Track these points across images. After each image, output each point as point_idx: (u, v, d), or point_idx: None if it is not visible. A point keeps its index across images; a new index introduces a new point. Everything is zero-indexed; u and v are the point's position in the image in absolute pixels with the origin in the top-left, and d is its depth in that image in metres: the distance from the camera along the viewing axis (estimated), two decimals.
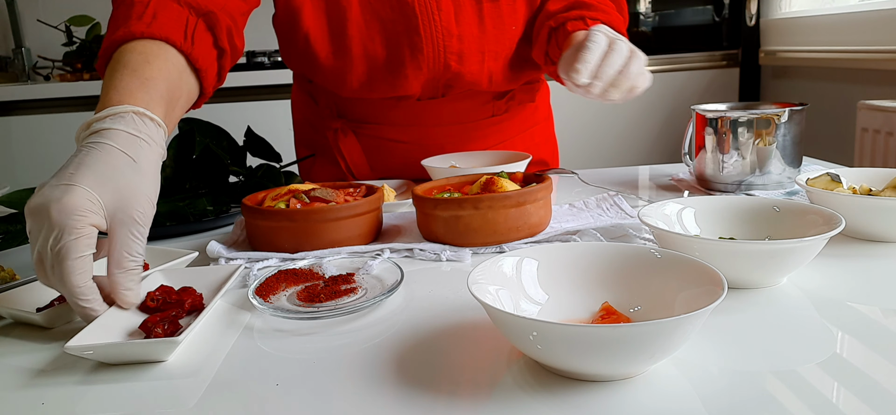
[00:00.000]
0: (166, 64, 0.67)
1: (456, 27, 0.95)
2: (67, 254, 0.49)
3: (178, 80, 0.68)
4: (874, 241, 0.68)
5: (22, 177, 2.56)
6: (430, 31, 0.94)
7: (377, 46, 0.96)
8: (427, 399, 0.41)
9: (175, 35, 0.69)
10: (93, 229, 0.51)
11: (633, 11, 2.85)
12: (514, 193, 0.69)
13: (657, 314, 0.47)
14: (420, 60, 0.95)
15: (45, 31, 2.73)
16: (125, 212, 0.52)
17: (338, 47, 0.96)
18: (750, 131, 0.87)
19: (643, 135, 2.81)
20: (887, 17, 1.99)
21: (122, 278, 0.52)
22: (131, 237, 0.53)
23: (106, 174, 0.53)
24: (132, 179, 0.54)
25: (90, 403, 0.43)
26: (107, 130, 0.56)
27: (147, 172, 0.56)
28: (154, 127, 0.59)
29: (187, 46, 0.69)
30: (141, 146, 0.57)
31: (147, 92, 0.61)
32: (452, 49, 0.95)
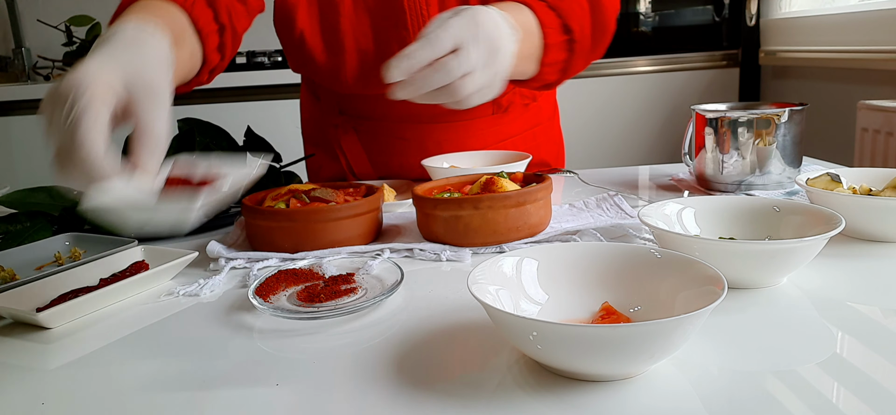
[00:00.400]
0: (170, 13, 0.68)
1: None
2: (81, 115, 0.45)
3: (181, 31, 0.69)
4: (874, 241, 0.68)
5: (22, 177, 2.56)
6: (417, 26, 0.94)
7: (368, 41, 0.96)
8: (427, 399, 0.41)
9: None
10: (110, 91, 0.48)
11: (634, 11, 2.86)
12: (514, 193, 0.69)
13: (657, 314, 0.47)
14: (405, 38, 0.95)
15: (45, 31, 2.73)
16: (142, 79, 0.50)
17: (330, 43, 0.97)
18: (750, 131, 0.87)
19: (643, 135, 2.81)
20: (887, 17, 1.99)
21: (145, 144, 0.49)
22: (153, 102, 0.51)
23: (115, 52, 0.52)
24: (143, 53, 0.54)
25: (90, 403, 0.43)
26: (112, 34, 0.56)
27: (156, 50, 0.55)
28: (158, 35, 0.58)
29: (188, 6, 0.71)
30: (146, 38, 0.56)
31: (154, 17, 0.62)
32: None
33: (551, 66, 0.84)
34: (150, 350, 0.51)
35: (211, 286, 0.63)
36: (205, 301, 0.60)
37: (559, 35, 0.82)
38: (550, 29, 0.81)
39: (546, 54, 0.81)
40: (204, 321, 0.56)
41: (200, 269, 0.69)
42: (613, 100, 2.76)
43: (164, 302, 0.60)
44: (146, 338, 0.53)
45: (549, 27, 0.81)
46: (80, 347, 0.52)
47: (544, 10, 0.81)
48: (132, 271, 0.63)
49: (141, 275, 0.62)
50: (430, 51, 0.64)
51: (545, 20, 0.80)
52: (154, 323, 0.56)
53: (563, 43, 0.83)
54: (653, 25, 2.87)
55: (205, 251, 0.71)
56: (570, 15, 0.83)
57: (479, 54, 0.66)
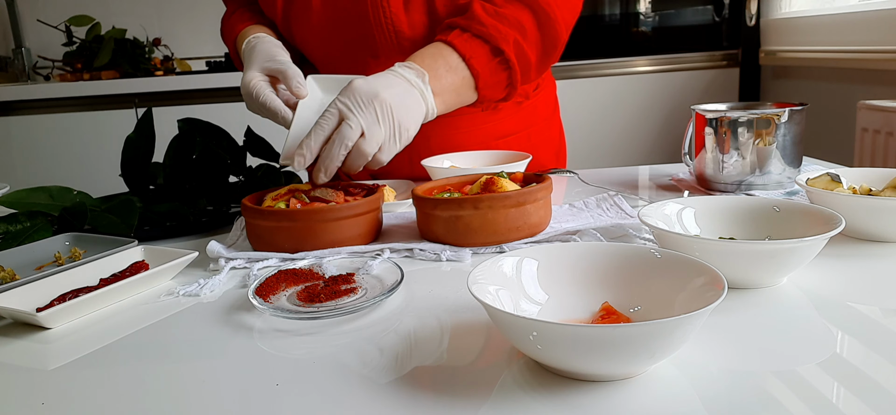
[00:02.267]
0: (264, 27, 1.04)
1: (405, 15, 0.95)
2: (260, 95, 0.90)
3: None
4: (874, 241, 0.68)
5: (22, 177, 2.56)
6: (379, 21, 0.95)
7: (335, 38, 0.99)
8: (427, 399, 0.41)
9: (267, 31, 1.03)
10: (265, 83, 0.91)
11: (634, 11, 2.86)
12: (513, 193, 0.69)
13: (657, 314, 0.47)
14: (375, 52, 0.98)
15: (45, 31, 2.74)
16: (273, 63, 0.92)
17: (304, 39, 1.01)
18: (750, 131, 0.87)
19: (643, 135, 2.81)
20: (887, 17, 1.99)
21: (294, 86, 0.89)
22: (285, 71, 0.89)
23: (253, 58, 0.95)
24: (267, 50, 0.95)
25: (90, 403, 0.43)
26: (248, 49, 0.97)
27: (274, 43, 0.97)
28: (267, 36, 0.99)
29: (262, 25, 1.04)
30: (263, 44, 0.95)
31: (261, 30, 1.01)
32: (404, 35, 0.96)
33: (492, 87, 0.92)
34: (151, 350, 0.51)
35: (211, 286, 0.63)
36: (205, 301, 0.60)
37: (489, 60, 0.89)
38: (476, 58, 0.88)
39: (479, 80, 0.89)
40: (204, 321, 0.56)
41: (200, 269, 0.69)
42: (613, 100, 2.76)
43: (164, 302, 0.60)
44: (146, 338, 0.53)
45: (473, 56, 0.88)
46: (80, 347, 0.52)
47: (467, 41, 0.88)
48: (132, 271, 0.63)
49: (141, 275, 0.62)
50: (321, 132, 0.77)
51: (468, 51, 0.88)
52: (154, 323, 0.56)
53: (495, 66, 0.90)
54: (653, 25, 2.87)
55: (205, 251, 0.71)
56: (500, 38, 0.89)
57: (364, 117, 0.77)
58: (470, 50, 0.88)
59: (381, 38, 0.96)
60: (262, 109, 0.88)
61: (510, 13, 0.91)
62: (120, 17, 2.77)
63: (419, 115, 0.84)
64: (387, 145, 0.79)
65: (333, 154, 0.76)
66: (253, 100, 0.88)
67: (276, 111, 0.86)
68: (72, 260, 0.70)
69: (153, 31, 2.80)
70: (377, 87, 0.78)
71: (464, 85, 0.89)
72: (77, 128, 2.55)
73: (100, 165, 2.52)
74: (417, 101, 0.83)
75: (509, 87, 0.94)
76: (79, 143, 2.56)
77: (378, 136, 0.78)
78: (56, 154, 2.57)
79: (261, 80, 0.88)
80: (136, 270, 0.63)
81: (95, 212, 0.80)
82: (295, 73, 0.87)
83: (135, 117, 0.91)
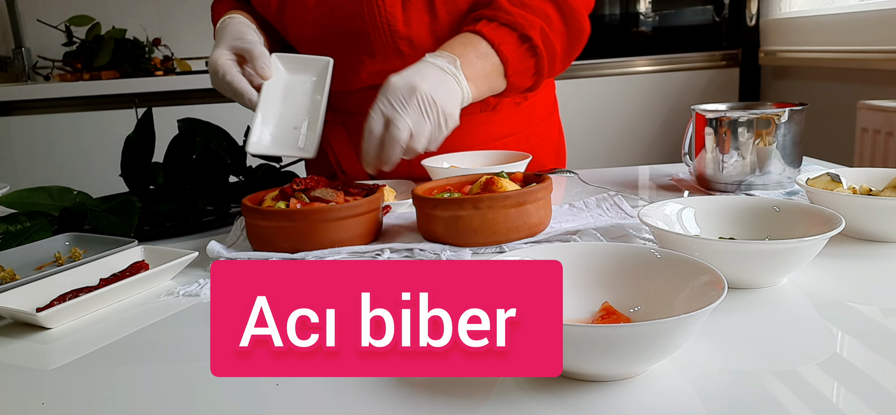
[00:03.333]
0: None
1: (401, 12, 0.95)
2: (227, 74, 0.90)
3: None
4: (874, 241, 0.68)
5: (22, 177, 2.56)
6: (373, 16, 0.95)
7: (330, 34, 0.99)
8: (427, 399, 0.41)
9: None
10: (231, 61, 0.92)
11: (634, 11, 2.86)
12: (513, 193, 0.69)
13: (657, 314, 0.47)
14: (371, 50, 0.97)
15: (45, 31, 2.73)
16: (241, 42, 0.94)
17: (298, 37, 1.01)
18: (750, 131, 0.87)
19: (643, 135, 2.80)
20: (887, 17, 1.99)
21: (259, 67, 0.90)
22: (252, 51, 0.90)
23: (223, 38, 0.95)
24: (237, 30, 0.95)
25: (90, 403, 0.44)
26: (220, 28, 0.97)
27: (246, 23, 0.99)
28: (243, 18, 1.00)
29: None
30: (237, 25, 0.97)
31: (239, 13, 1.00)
32: (400, 33, 0.96)
33: (520, 75, 0.93)
34: (151, 350, 0.51)
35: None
36: (205, 301, 0.60)
37: (516, 47, 0.91)
38: (504, 44, 0.89)
39: (508, 67, 0.90)
40: (204, 321, 0.56)
41: (200, 269, 0.69)
42: (613, 100, 2.76)
43: (164, 302, 0.60)
44: (146, 338, 0.53)
45: (502, 43, 0.89)
46: (80, 347, 0.52)
47: (495, 30, 0.90)
48: (132, 271, 0.63)
49: (141, 275, 0.62)
50: (373, 138, 0.81)
51: (496, 38, 0.89)
52: (154, 323, 0.56)
53: (523, 52, 0.91)
54: (653, 25, 2.87)
55: (205, 251, 0.71)
56: (526, 25, 0.90)
57: (408, 116, 0.80)
58: (498, 37, 0.89)
59: (377, 36, 0.96)
60: (227, 89, 0.88)
61: (535, 3, 0.93)
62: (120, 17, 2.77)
63: (457, 99, 0.85)
64: (435, 136, 0.83)
65: (389, 157, 0.81)
66: (219, 78, 0.88)
67: (242, 92, 0.87)
68: (72, 260, 0.70)
69: (153, 31, 2.80)
70: (414, 81, 0.81)
71: (494, 72, 0.90)
72: (77, 128, 2.55)
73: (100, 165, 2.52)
74: (453, 86, 0.84)
75: (537, 74, 0.95)
76: (79, 143, 2.56)
77: (425, 131, 0.81)
78: (56, 154, 2.57)
79: (228, 59, 0.88)
80: (136, 270, 0.63)
81: (95, 212, 0.80)
82: (261, 53, 0.87)
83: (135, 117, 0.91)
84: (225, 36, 0.92)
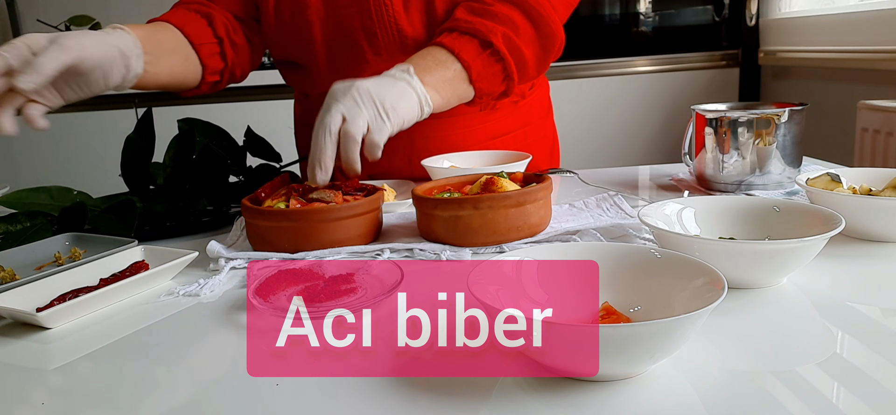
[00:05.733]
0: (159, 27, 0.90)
1: (405, 13, 0.96)
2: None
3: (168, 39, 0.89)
4: (874, 241, 0.68)
5: (22, 177, 2.55)
6: (381, 15, 0.96)
7: (335, 34, 0.99)
8: (427, 399, 0.41)
9: (173, 19, 0.90)
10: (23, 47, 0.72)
11: (634, 11, 2.85)
12: (514, 193, 0.69)
13: (657, 314, 0.47)
14: (377, 48, 0.98)
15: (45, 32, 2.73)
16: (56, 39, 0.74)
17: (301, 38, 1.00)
18: (750, 131, 0.87)
19: (643, 135, 2.80)
20: (887, 17, 1.99)
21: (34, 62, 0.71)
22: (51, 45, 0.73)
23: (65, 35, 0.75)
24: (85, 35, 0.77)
25: (90, 403, 0.43)
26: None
27: (91, 35, 0.76)
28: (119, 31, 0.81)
29: (180, 23, 0.90)
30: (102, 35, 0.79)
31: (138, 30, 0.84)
32: (406, 32, 0.97)
33: (487, 80, 0.92)
34: (151, 350, 0.51)
35: (211, 286, 0.63)
36: (205, 301, 0.60)
37: (478, 53, 0.90)
38: (464, 51, 0.89)
39: (471, 72, 0.90)
40: (204, 321, 0.56)
41: (200, 269, 0.69)
42: (613, 100, 2.76)
43: (164, 302, 0.60)
44: (146, 338, 0.53)
45: (462, 51, 0.89)
46: (80, 347, 0.52)
47: (455, 39, 0.90)
48: (132, 271, 0.63)
49: (141, 275, 0.62)
50: (328, 136, 0.75)
51: (456, 46, 0.89)
52: (154, 323, 0.56)
53: (486, 58, 0.91)
54: (653, 25, 2.87)
55: (205, 251, 0.71)
56: (487, 32, 0.90)
57: (343, 104, 0.77)
58: (458, 45, 0.89)
59: (383, 36, 0.97)
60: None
61: (499, 11, 0.93)
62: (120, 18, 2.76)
63: (410, 100, 0.82)
64: (375, 124, 0.77)
65: (321, 143, 0.75)
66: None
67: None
68: (72, 260, 0.70)
69: None
70: (353, 82, 0.79)
71: (457, 78, 0.89)
72: (77, 128, 2.55)
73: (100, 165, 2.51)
74: (403, 88, 0.82)
75: (506, 79, 0.94)
76: (79, 143, 2.56)
77: (359, 116, 0.76)
78: (56, 154, 2.57)
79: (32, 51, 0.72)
80: (136, 270, 0.63)
81: (95, 212, 0.80)
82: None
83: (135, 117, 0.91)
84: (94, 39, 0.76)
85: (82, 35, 0.73)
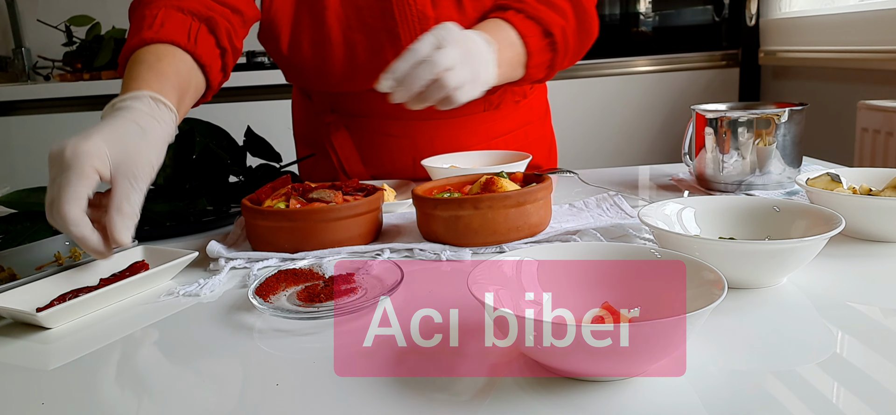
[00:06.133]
0: (176, 60, 0.77)
1: (432, 10, 0.96)
2: (65, 186, 0.58)
3: (188, 75, 0.78)
4: (874, 241, 0.68)
5: (22, 177, 2.55)
6: (405, 15, 0.95)
7: (356, 34, 0.98)
8: (427, 399, 0.41)
9: (180, 38, 0.78)
10: (94, 173, 0.59)
11: (634, 11, 2.86)
12: (514, 193, 0.69)
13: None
14: (398, 47, 0.96)
15: (45, 31, 2.73)
16: (127, 167, 0.62)
17: (319, 38, 0.98)
18: (750, 131, 0.87)
19: (643, 135, 2.80)
20: (887, 17, 1.99)
21: (117, 220, 0.60)
22: (130, 187, 0.62)
23: (118, 135, 0.63)
24: (140, 143, 0.64)
25: (90, 403, 0.43)
26: (126, 107, 0.67)
27: (153, 142, 0.66)
28: (166, 111, 0.70)
29: (191, 46, 0.79)
30: (152, 122, 0.67)
31: (161, 82, 0.72)
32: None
33: (537, 67, 0.95)
34: (150, 350, 0.51)
35: (211, 286, 0.63)
36: (205, 301, 0.60)
37: (540, 40, 0.93)
38: (531, 37, 0.92)
39: (530, 59, 0.92)
40: (204, 321, 0.56)
41: (200, 269, 0.69)
42: (613, 100, 2.76)
43: (164, 302, 0.60)
44: (146, 338, 0.53)
45: (529, 35, 0.91)
46: (80, 347, 0.52)
47: (523, 21, 0.92)
48: (132, 271, 0.63)
49: (141, 275, 0.62)
50: (413, 56, 0.76)
51: (524, 30, 0.91)
52: (154, 323, 0.56)
53: (545, 46, 0.94)
54: (653, 25, 2.87)
55: (205, 251, 0.71)
56: (550, 21, 0.93)
57: (457, 51, 0.78)
58: (526, 29, 0.91)
59: (407, 36, 0.96)
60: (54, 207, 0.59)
61: (556, 1, 0.95)
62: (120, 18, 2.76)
63: (489, 76, 0.84)
64: (467, 87, 0.80)
65: (420, 75, 0.76)
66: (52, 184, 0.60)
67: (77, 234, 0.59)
68: (72, 260, 0.70)
69: None
70: (469, 34, 0.81)
71: (517, 61, 0.92)
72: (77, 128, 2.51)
73: None
74: (489, 64, 0.84)
75: (550, 68, 0.97)
76: None
77: (462, 74, 0.78)
78: None
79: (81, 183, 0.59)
80: (136, 270, 0.63)
81: None
82: (126, 214, 0.61)
83: None
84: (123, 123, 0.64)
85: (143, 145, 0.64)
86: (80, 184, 0.58)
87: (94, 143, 0.60)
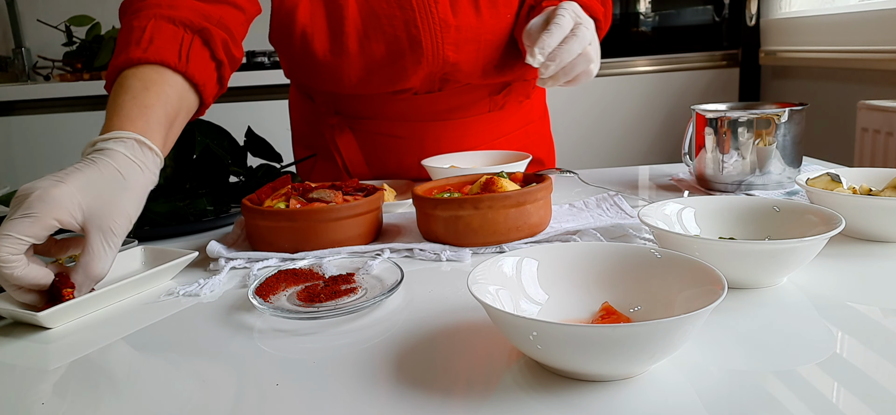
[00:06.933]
0: (164, 88, 0.70)
1: (453, 18, 0.95)
2: (9, 227, 0.54)
3: (178, 101, 0.72)
4: (874, 241, 0.68)
5: (22, 177, 2.55)
6: (427, 23, 0.94)
7: (374, 42, 0.96)
8: (427, 399, 0.41)
9: (170, 57, 0.72)
10: (54, 222, 0.55)
11: (634, 11, 2.86)
12: (514, 193, 0.69)
13: (657, 314, 0.47)
14: (419, 54, 0.95)
15: (45, 31, 2.73)
16: (102, 220, 0.57)
17: (335, 44, 0.96)
18: (750, 131, 0.87)
19: (643, 135, 2.80)
20: (887, 17, 1.99)
21: (82, 280, 0.57)
22: (102, 246, 0.57)
23: (95, 183, 0.58)
24: (117, 194, 0.59)
25: (90, 403, 0.43)
26: (108, 149, 0.62)
27: (133, 192, 0.61)
28: (151, 155, 0.65)
29: (183, 66, 0.73)
30: (134, 169, 0.62)
31: (146, 120, 0.66)
32: (450, 40, 0.95)
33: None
34: (150, 350, 0.51)
35: (211, 286, 0.63)
36: (205, 301, 0.60)
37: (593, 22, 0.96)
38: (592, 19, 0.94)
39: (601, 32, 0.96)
40: (204, 321, 0.56)
41: (200, 269, 0.69)
42: (613, 100, 2.76)
43: (164, 302, 0.60)
44: (146, 338, 0.53)
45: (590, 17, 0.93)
46: (80, 347, 0.52)
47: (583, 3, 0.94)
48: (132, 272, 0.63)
49: (141, 275, 0.62)
50: (560, 32, 0.80)
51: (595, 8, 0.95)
52: (154, 323, 0.56)
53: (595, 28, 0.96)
54: (653, 25, 2.87)
55: (205, 251, 0.71)
56: (593, 7, 0.95)
57: (591, 27, 0.83)
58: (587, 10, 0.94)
59: (429, 41, 0.95)
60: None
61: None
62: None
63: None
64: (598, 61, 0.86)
65: (571, 48, 0.80)
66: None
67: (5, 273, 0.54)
68: (72, 260, 0.70)
69: None
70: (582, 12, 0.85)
71: None
72: (77, 128, 2.55)
73: None
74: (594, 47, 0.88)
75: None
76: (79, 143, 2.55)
77: (598, 49, 0.83)
78: (56, 154, 2.57)
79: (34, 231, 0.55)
80: (136, 271, 0.63)
81: None
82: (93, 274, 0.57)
83: None
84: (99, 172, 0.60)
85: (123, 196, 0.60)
86: (29, 227, 0.54)
87: (65, 189, 0.56)
